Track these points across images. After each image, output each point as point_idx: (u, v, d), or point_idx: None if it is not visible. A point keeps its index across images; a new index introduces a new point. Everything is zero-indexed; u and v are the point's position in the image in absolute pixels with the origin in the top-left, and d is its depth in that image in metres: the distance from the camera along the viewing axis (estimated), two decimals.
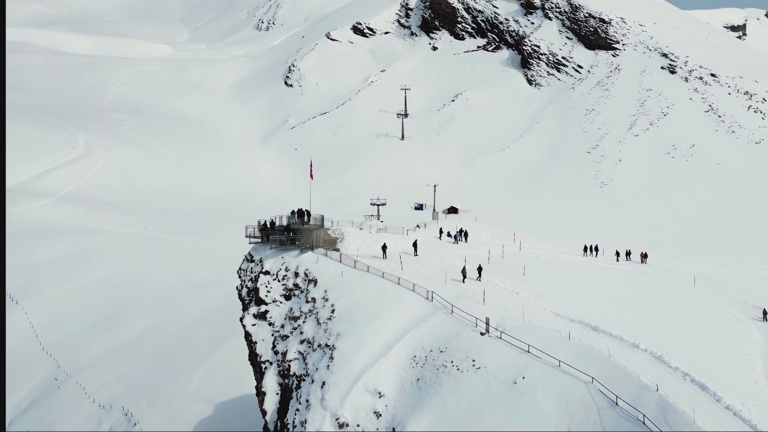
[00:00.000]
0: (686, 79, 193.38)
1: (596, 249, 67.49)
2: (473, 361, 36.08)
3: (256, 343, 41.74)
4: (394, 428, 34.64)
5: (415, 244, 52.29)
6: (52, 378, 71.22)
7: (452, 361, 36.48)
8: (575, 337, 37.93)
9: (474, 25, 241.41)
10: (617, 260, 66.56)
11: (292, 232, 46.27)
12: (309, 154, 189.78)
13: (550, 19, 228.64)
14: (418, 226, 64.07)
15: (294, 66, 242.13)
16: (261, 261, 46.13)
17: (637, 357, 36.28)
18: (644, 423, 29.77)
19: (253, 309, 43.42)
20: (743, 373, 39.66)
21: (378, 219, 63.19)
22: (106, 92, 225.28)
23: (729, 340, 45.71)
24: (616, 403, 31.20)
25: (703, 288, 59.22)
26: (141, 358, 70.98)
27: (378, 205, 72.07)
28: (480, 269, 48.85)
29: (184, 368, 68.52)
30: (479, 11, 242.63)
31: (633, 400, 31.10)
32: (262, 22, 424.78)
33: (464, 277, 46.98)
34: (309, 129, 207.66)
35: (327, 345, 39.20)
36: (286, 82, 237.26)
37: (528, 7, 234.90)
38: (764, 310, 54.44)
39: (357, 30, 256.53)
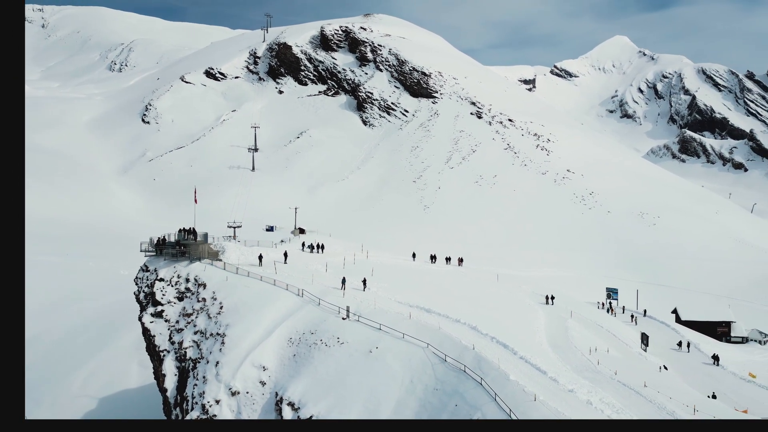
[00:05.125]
0: (490, 123, 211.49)
1: (435, 257, 75.57)
2: (338, 338, 41.51)
3: (154, 336, 44.25)
4: (276, 392, 39.21)
5: (285, 254, 56.77)
6: None
7: (321, 340, 41.68)
8: (414, 317, 44.57)
9: (316, 73, 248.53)
10: (432, 262, 74.57)
11: (183, 246, 49.37)
12: (167, 184, 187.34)
13: (381, 70, 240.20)
14: (282, 240, 68.44)
15: (151, 105, 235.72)
16: (155, 270, 48.68)
17: (459, 328, 43.61)
18: (465, 371, 36.76)
19: (151, 309, 45.93)
20: (531, 337, 48.50)
21: (235, 239, 66.42)
22: None
23: (522, 317, 54.74)
24: (445, 360, 37.77)
25: (504, 283, 68.79)
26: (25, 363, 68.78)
27: (234, 228, 73.94)
28: (365, 281, 51.31)
29: (66, 370, 67.55)
30: (320, 61, 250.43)
31: (457, 357, 37.90)
32: (115, 63, 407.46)
33: (343, 285, 49.54)
34: (166, 161, 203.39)
35: (218, 333, 42.92)
36: (143, 120, 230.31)
37: (362, 60, 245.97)
38: (546, 297, 64.98)
39: (209, 74, 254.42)
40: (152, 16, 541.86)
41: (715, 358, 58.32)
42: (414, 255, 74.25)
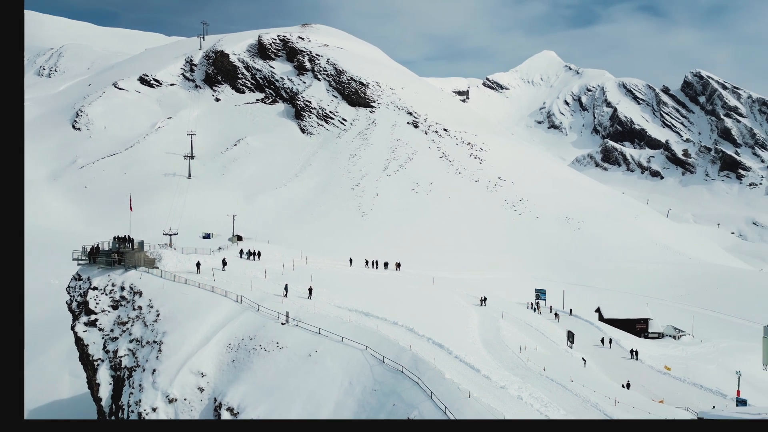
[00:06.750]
0: (426, 132, 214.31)
1: (375, 262, 75.68)
2: (277, 343, 41.29)
3: (87, 345, 42.75)
4: (215, 398, 38.64)
5: (224, 261, 55.94)
6: None
7: (260, 345, 41.35)
8: (353, 320, 44.91)
9: (253, 81, 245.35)
10: (366, 266, 74.82)
11: (118, 254, 47.90)
12: (99, 192, 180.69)
13: (319, 80, 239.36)
14: (220, 248, 67.37)
15: (82, 111, 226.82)
16: (89, 279, 47.01)
17: (397, 330, 44.25)
18: (402, 372, 37.26)
19: (84, 318, 44.33)
20: (466, 337, 49.63)
21: (171, 247, 65.02)
22: None
23: (457, 318, 55.89)
24: (383, 361, 38.22)
25: (440, 286, 69.99)
26: None
27: (170, 235, 72.08)
28: (311, 290, 50.83)
29: None
30: (258, 70, 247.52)
31: (395, 358, 38.42)
32: (44, 69, 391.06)
33: (286, 292, 49.03)
34: (99, 169, 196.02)
35: (155, 341, 41.87)
36: (73, 126, 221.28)
37: (300, 69, 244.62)
38: (480, 298, 66.53)
39: (144, 81, 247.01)
40: (83, 21, 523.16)
41: (634, 352, 61.15)
42: (351, 260, 74.50)
